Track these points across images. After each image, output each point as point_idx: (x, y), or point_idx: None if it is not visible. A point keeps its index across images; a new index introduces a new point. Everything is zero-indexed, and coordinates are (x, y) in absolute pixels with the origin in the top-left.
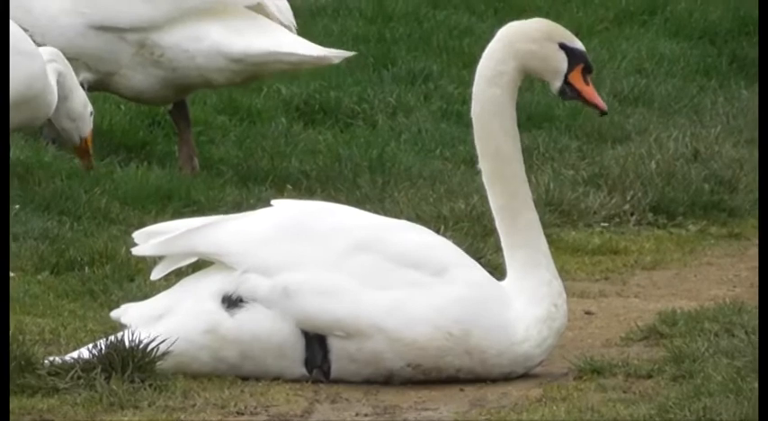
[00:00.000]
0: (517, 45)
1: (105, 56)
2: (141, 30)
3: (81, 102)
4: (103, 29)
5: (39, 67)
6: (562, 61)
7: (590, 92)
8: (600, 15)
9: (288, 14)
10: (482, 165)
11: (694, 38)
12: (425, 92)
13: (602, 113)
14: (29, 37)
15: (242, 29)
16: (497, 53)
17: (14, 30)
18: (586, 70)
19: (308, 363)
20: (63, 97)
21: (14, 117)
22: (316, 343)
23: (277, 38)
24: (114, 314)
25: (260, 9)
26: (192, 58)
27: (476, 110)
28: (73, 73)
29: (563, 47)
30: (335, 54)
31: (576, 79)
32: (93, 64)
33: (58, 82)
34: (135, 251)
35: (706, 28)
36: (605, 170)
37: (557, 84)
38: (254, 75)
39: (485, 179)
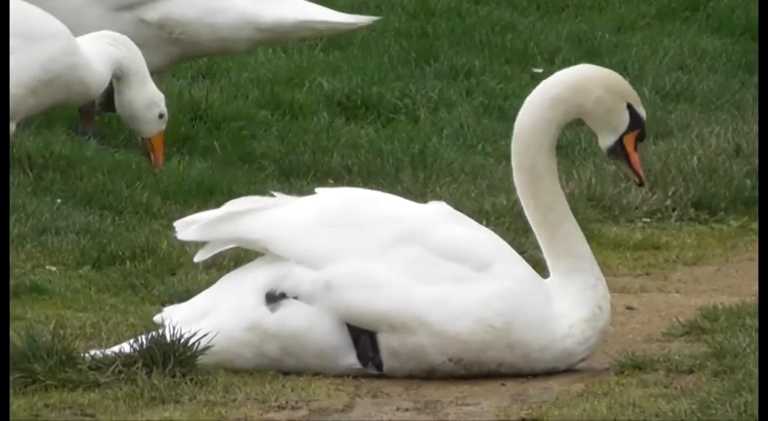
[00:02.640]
0: (597, 88)
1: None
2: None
3: (143, 100)
4: (125, 9)
5: (58, 48)
6: (624, 122)
7: (636, 159)
8: (642, 11)
9: None
10: (516, 179)
11: (736, 34)
12: (467, 87)
13: (640, 184)
14: (47, 17)
15: None
16: (579, 85)
17: (28, 14)
18: (640, 138)
19: (361, 357)
20: (120, 86)
21: (39, 100)
22: (367, 336)
23: (302, 7)
24: (157, 318)
25: None
26: (216, 31)
27: (521, 120)
28: (142, 66)
29: (630, 108)
30: (363, 20)
31: (630, 143)
32: None
33: (117, 68)
34: (179, 236)
35: (748, 24)
36: (647, 166)
37: (610, 140)
38: (277, 42)
39: (519, 194)
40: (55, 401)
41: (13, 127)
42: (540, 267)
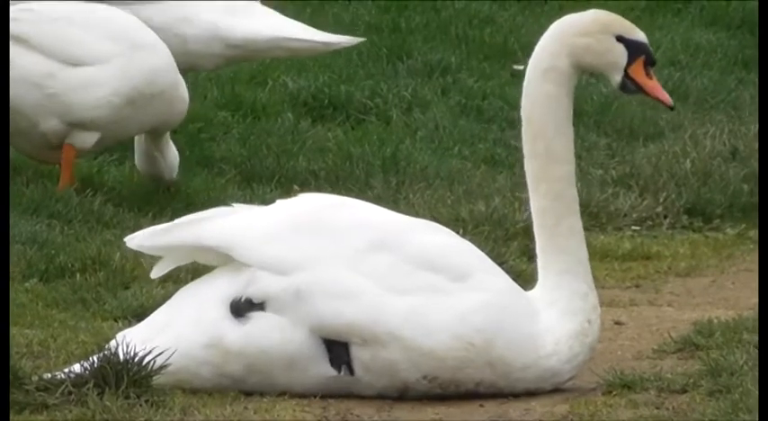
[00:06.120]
0: (571, 39)
1: None
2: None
3: (169, 164)
4: None
5: (162, 60)
6: (621, 55)
7: (653, 86)
8: (631, 4)
9: None
10: (528, 165)
11: (732, 27)
12: (443, 85)
13: (670, 108)
14: (145, 27)
15: (236, 11)
16: (550, 47)
17: (129, 22)
18: (648, 63)
19: (334, 362)
20: (149, 142)
21: (135, 114)
22: (340, 346)
23: (277, 23)
24: (112, 345)
25: None
26: (183, 42)
27: (525, 106)
28: None
29: (621, 39)
30: (343, 40)
31: (638, 73)
32: None
33: None
34: (131, 244)
35: (745, 17)
36: (636, 169)
37: (617, 78)
38: (247, 60)
39: (528, 179)
40: None
41: (95, 137)
42: (522, 279)
